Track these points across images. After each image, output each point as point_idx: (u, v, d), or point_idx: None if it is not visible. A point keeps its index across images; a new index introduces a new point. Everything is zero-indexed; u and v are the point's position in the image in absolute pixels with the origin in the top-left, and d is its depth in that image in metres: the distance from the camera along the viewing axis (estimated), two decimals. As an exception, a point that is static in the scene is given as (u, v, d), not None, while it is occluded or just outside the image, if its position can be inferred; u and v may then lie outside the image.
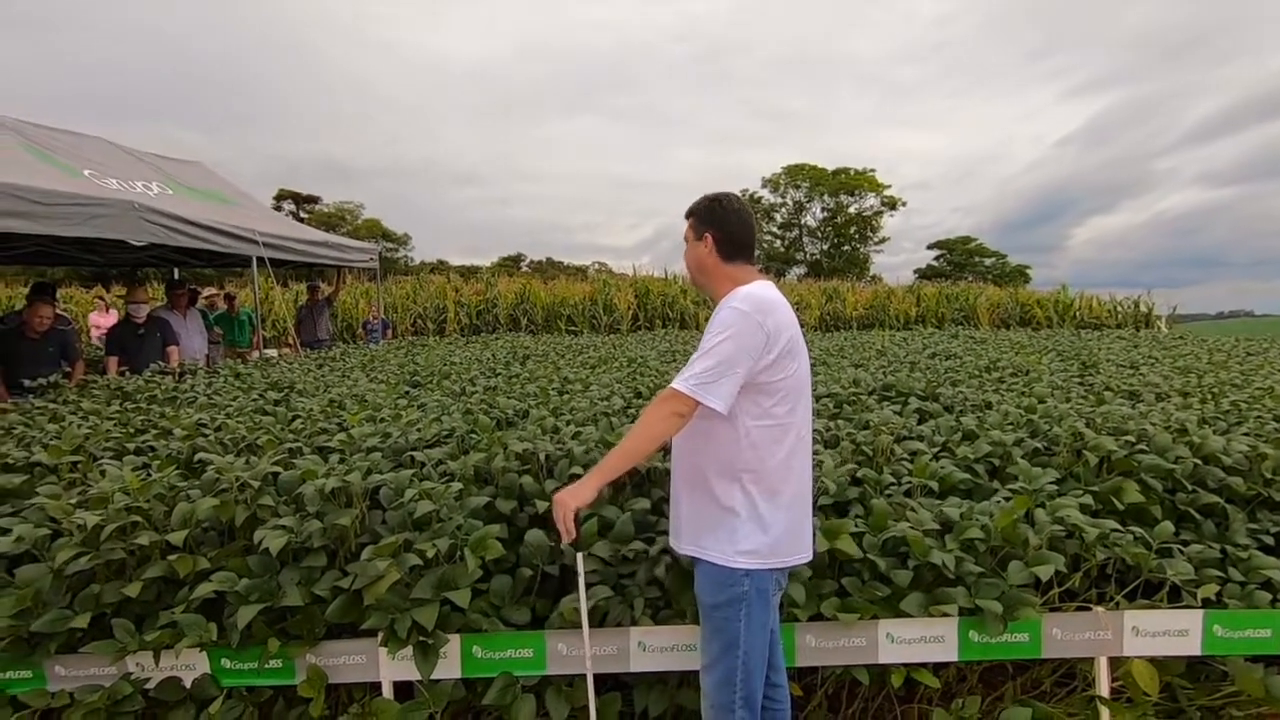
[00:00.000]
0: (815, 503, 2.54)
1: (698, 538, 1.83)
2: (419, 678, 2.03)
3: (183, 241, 6.23)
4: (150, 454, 3.01)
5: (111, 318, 11.20)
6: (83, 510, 2.17)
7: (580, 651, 2.10)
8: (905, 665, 2.17)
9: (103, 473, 2.56)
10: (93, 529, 2.10)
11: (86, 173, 6.17)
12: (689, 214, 1.95)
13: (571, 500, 1.74)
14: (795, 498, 1.82)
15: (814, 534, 1.99)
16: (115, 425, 3.43)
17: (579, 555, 1.96)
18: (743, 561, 1.75)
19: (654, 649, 2.13)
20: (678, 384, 1.68)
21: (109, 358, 5.92)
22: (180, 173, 8.23)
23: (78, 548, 2.08)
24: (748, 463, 1.76)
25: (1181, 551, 2.37)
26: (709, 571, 1.80)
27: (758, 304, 1.75)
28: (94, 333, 11.45)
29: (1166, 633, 2.16)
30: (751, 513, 1.76)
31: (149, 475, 2.45)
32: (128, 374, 5.15)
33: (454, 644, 2.07)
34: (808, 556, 1.86)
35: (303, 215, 44.07)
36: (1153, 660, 2.16)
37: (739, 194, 1.97)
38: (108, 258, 8.68)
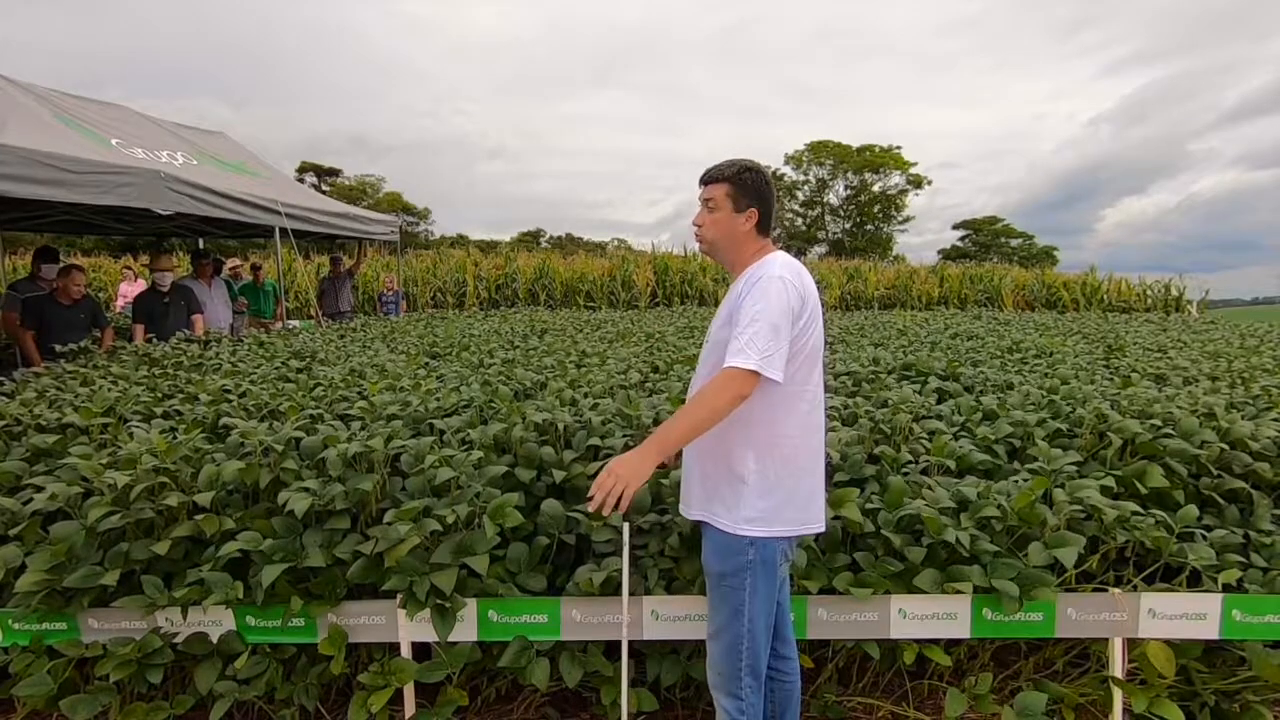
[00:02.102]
0: (830, 477, 2.54)
1: (708, 504, 1.83)
2: (436, 639, 2.08)
3: (207, 211, 6.29)
4: (177, 418, 3.07)
5: (139, 286, 11.37)
6: (113, 470, 2.23)
7: (595, 619, 2.14)
8: (917, 641, 2.17)
9: (131, 434, 2.62)
10: (123, 489, 2.16)
11: (114, 142, 6.23)
12: (721, 179, 1.85)
13: (633, 478, 1.64)
14: (807, 466, 1.81)
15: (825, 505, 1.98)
16: (144, 390, 3.51)
17: (625, 525, 1.96)
18: (747, 529, 1.75)
19: (667, 618, 2.16)
20: (741, 363, 1.63)
21: (135, 325, 6.03)
22: (205, 143, 8.29)
23: (109, 506, 2.14)
24: (761, 429, 1.76)
25: (1204, 536, 2.34)
26: (716, 538, 1.81)
27: (795, 271, 1.76)
28: (120, 302, 11.66)
29: (1184, 616, 2.14)
30: (762, 480, 1.76)
31: (175, 438, 2.51)
32: (154, 341, 5.26)
33: (471, 608, 2.12)
34: (819, 527, 1.85)
35: (324, 188, 44.26)
36: (1169, 643, 2.15)
37: None
38: (135, 227, 8.80)
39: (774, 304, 1.68)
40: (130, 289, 11.64)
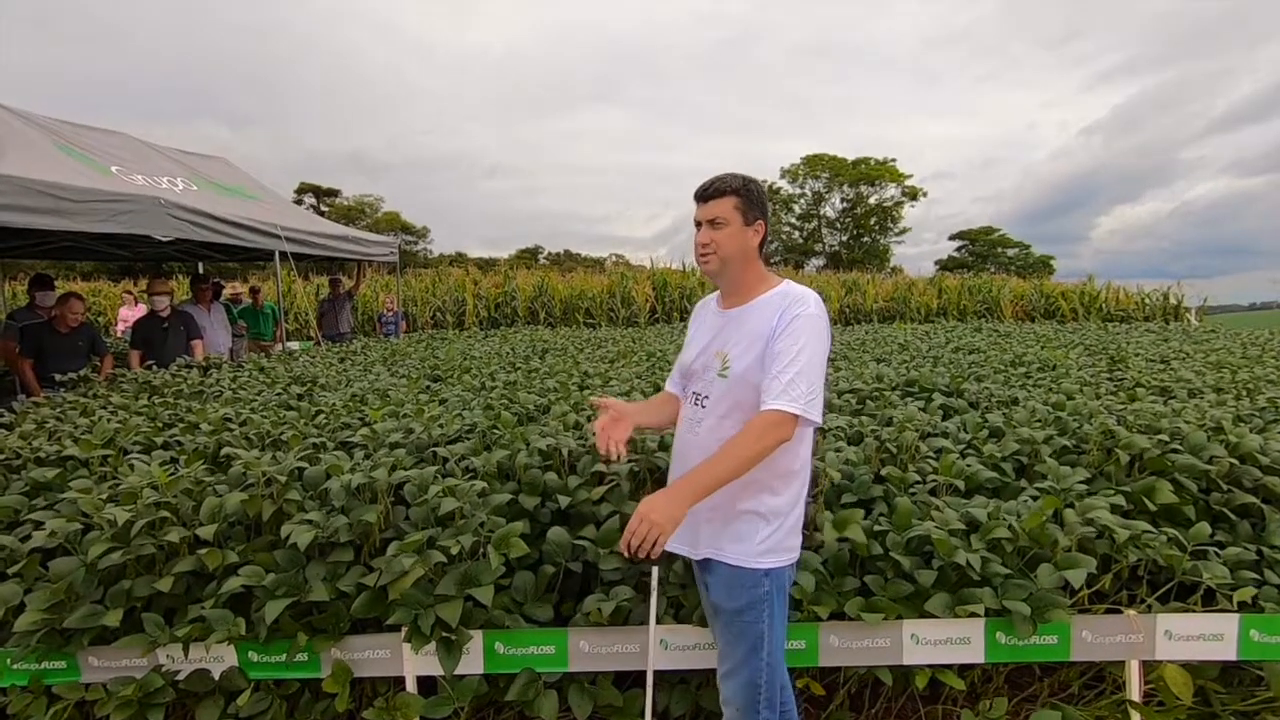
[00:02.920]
0: (838, 498, 2.52)
1: (716, 539, 1.77)
2: (442, 673, 2.05)
3: (207, 236, 6.32)
4: (178, 448, 3.05)
5: (139, 311, 11.37)
6: (113, 505, 2.21)
7: (603, 649, 2.11)
8: (930, 666, 2.14)
9: (131, 467, 2.60)
10: (124, 524, 2.13)
11: (114, 169, 6.27)
12: (730, 191, 1.75)
13: (668, 523, 1.55)
14: (804, 492, 1.82)
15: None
16: (144, 419, 3.49)
17: (654, 569, 1.83)
18: (767, 561, 1.72)
19: (676, 647, 2.13)
20: (786, 406, 1.59)
21: (133, 351, 6.02)
22: (205, 168, 8.34)
23: (109, 543, 2.12)
24: (784, 459, 1.72)
25: (1217, 554, 2.31)
26: (727, 574, 1.74)
27: (820, 306, 1.72)
28: (120, 327, 11.66)
29: (1200, 637, 2.11)
30: (775, 511, 1.73)
31: (177, 470, 2.49)
32: (154, 367, 5.24)
33: (477, 640, 2.09)
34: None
35: (323, 208, 44.52)
36: (1185, 665, 2.12)
37: None
38: (134, 252, 8.82)
39: (815, 344, 1.65)
40: (130, 313, 11.64)
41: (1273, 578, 2.26)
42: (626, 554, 1.58)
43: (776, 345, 1.66)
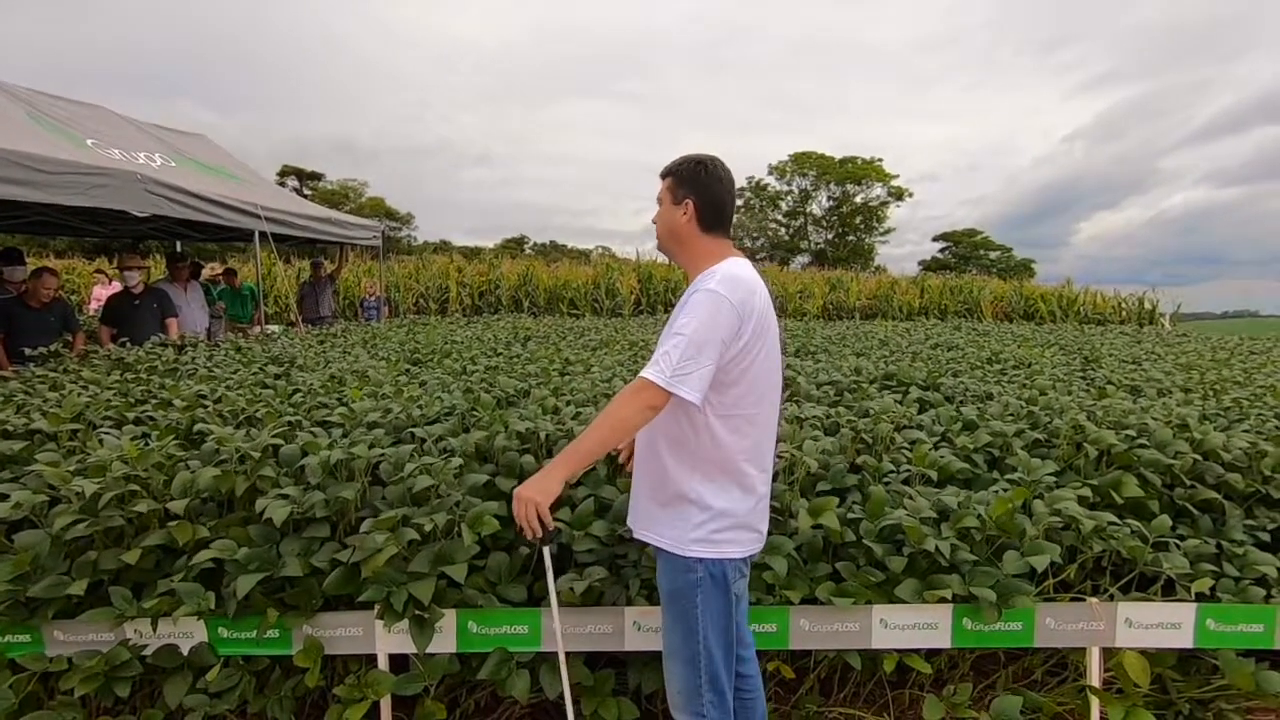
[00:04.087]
0: (813, 486, 2.55)
1: (652, 524, 1.77)
2: (414, 651, 2.05)
3: (185, 214, 6.20)
4: (150, 424, 3.01)
5: (114, 289, 11.18)
6: (81, 478, 2.18)
7: (575, 629, 2.12)
8: (898, 651, 2.18)
9: (101, 441, 2.56)
10: (91, 496, 2.10)
11: (90, 142, 6.13)
12: (667, 173, 1.80)
13: (541, 497, 1.63)
14: (752, 488, 1.76)
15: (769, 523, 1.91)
16: (115, 395, 3.44)
17: (545, 549, 1.86)
18: (696, 550, 1.70)
19: (648, 629, 2.14)
20: (652, 375, 1.57)
21: (103, 327, 5.89)
22: (184, 145, 8.18)
23: (76, 514, 2.09)
24: (708, 454, 1.70)
25: (1178, 546, 2.37)
26: (665, 560, 1.76)
27: (734, 285, 1.64)
28: (93, 305, 11.43)
29: (1159, 625, 2.17)
30: (707, 503, 1.70)
31: (148, 444, 2.45)
32: (127, 345, 5.15)
33: (450, 619, 2.09)
34: (759, 549, 1.82)
35: (306, 192, 43.81)
36: (1144, 652, 2.17)
37: (722, 160, 1.82)
38: (110, 229, 8.64)
39: (702, 320, 1.59)
40: (105, 292, 11.40)
41: (1230, 570, 2.33)
42: (529, 536, 1.67)
43: (673, 319, 1.68)
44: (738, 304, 1.62)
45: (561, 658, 1.97)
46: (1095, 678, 2.19)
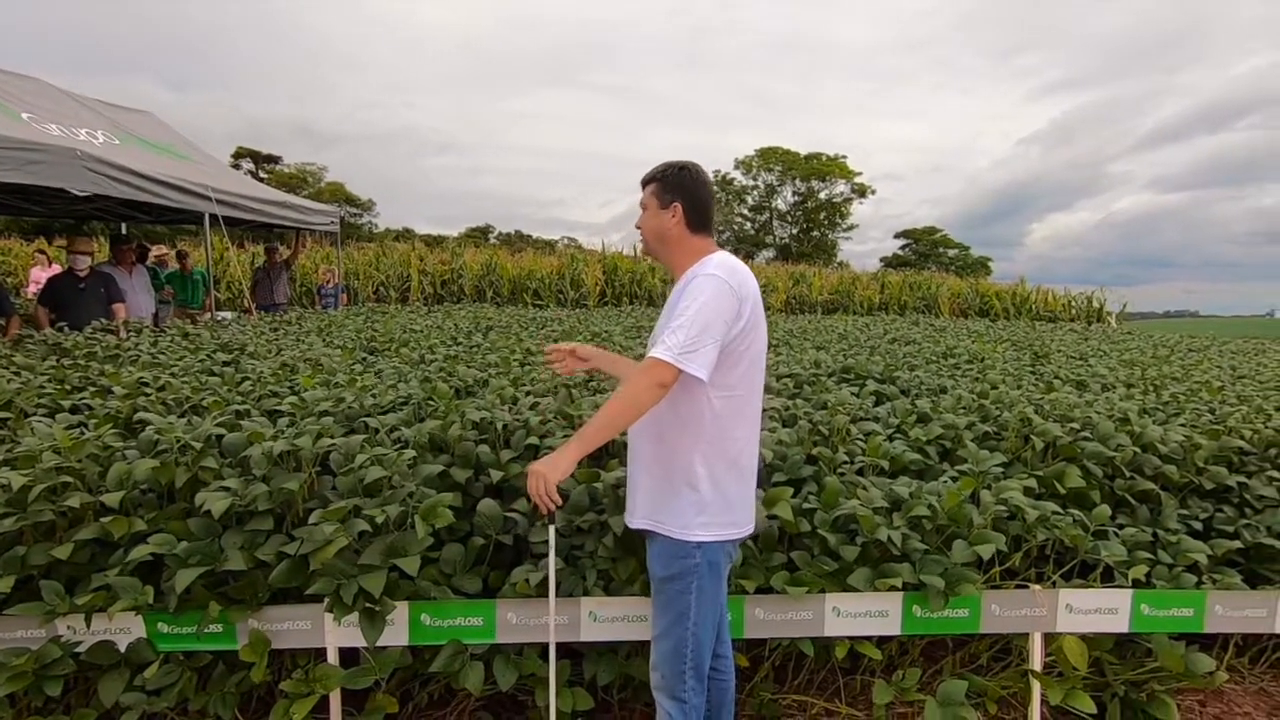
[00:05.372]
0: (769, 477, 2.57)
1: (655, 512, 1.81)
2: (365, 644, 2.00)
3: (129, 194, 5.95)
4: (87, 412, 2.88)
5: (53, 272, 10.68)
6: (8, 469, 2.07)
7: (531, 621, 2.10)
8: (850, 638, 2.21)
9: (32, 429, 2.44)
10: (19, 489, 2.00)
11: (25, 116, 5.83)
12: (650, 180, 1.88)
13: (552, 473, 1.67)
14: (747, 470, 1.83)
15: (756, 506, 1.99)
16: (50, 381, 3.28)
17: (551, 527, 1.90)
18: (699, 534, 1.75)
19: (605, 619, 2.14)
20: (660, 354, 1.61)
21: (40, 308, 5.62)
22: (129, 122, 7.84)
23: (3, 508, 1.99)
24: (710, 435, 1.75)
25: (1116, 534, 2.46)
26: (663, 545, 1.80)
27: (730, 270, 1.73)
28: (31, 288, 10.90)
29: (1098, 610, 2.25)
30: (710, 485, 1.76)
31: (83, 434, 2.35)
32: (66, 330, 4.92)
33: (402, 611, 2.05)
34: (751, 528, 1.88)
35: (262, 175, 42.48)
36: (1083, 637, 2.25)
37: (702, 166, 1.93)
38: (50, 208, 8.25)
39: (705, 302, 1.65)
40: (43, 274, 10.89)
41: (1165, 557, 2.43)
42: (541, 509, 1.71)
43: (675, 304, 1.73)
44: (736, 286, 1.70)
45: (552, 647, 1.97)
46: (1037, 662, 2.26)
